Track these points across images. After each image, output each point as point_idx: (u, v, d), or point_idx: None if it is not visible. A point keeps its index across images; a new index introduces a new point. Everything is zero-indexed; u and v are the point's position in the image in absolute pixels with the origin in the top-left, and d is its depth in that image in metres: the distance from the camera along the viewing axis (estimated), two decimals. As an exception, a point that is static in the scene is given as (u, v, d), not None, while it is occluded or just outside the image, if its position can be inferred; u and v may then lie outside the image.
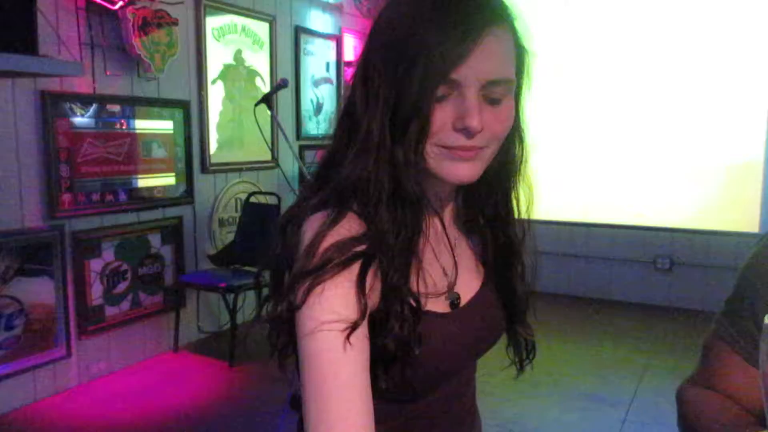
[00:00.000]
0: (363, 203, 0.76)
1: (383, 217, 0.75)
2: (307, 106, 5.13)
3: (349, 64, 5.65)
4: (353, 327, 0.69)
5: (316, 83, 5.25)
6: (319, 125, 5.25)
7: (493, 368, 1.06)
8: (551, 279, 5.16)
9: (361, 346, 0.71)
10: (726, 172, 4.69)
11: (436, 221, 0.84)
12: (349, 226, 0.74)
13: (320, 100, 5.31)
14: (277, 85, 3.50)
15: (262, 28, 4.59)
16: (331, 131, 0.84)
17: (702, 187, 4.77)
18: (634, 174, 4.97)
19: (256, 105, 3.40)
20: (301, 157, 4.99)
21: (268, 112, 3.44)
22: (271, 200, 4.30)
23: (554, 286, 5.15)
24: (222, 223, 4.32)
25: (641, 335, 4.29)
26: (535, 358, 0.96)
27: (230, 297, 3.75)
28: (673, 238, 4.88)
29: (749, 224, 4.63)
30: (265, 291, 3.76)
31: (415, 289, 0.78)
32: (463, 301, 0.87)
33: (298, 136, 5.01)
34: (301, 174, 4.07)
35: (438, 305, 0.82)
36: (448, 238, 0.86)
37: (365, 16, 5.78)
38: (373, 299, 0.75)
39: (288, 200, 4.60)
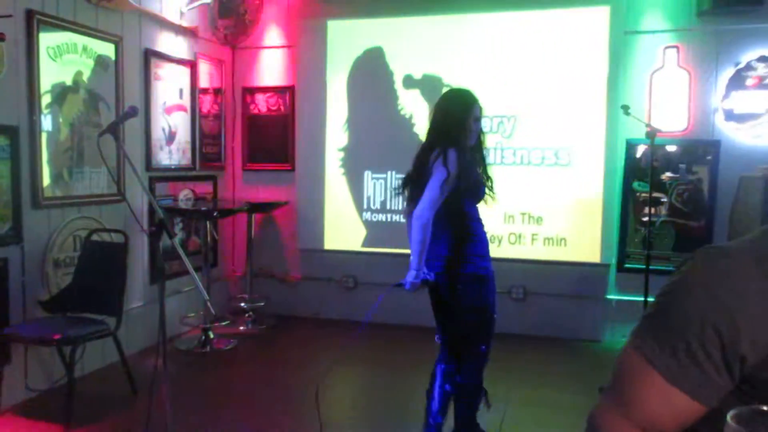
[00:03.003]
0: None
1: None
2: (158, 135, 4.77)
3: (204, 91, 5.36)
4: None
5: (169, 110, 4.91)
6: (171, 155, 4.89)
7: None
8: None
9: None
10: (572, 208, 5.02)
11: None
12: None
13: (173, 128, 4.96)
14: (125, 113, 3.15)
15: (107, 49, 4.21)
16: (184, 162, 0.69)
17: (550, 222, 5.07)
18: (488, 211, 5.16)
19: (99, 135, 3.04)
20: (152, 189, 4.60)
21: (114, 142, 3.10)
22: (117, 238, 3.89)
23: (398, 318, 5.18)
24: (57, 264, 3.83)
25: (501, 365, 4.38)
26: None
27: (67, 349, 3.30)
28: (526, 270, 5.11)
29: (592, 255, 4.99)
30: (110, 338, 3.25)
31: None
32: None
33: (148, 167, 4.63)
34: (151, 208, 3.73)
35: None
36: None
37: (222, 43, 5.54)
38: None
39: (136, 238, 4.20)
